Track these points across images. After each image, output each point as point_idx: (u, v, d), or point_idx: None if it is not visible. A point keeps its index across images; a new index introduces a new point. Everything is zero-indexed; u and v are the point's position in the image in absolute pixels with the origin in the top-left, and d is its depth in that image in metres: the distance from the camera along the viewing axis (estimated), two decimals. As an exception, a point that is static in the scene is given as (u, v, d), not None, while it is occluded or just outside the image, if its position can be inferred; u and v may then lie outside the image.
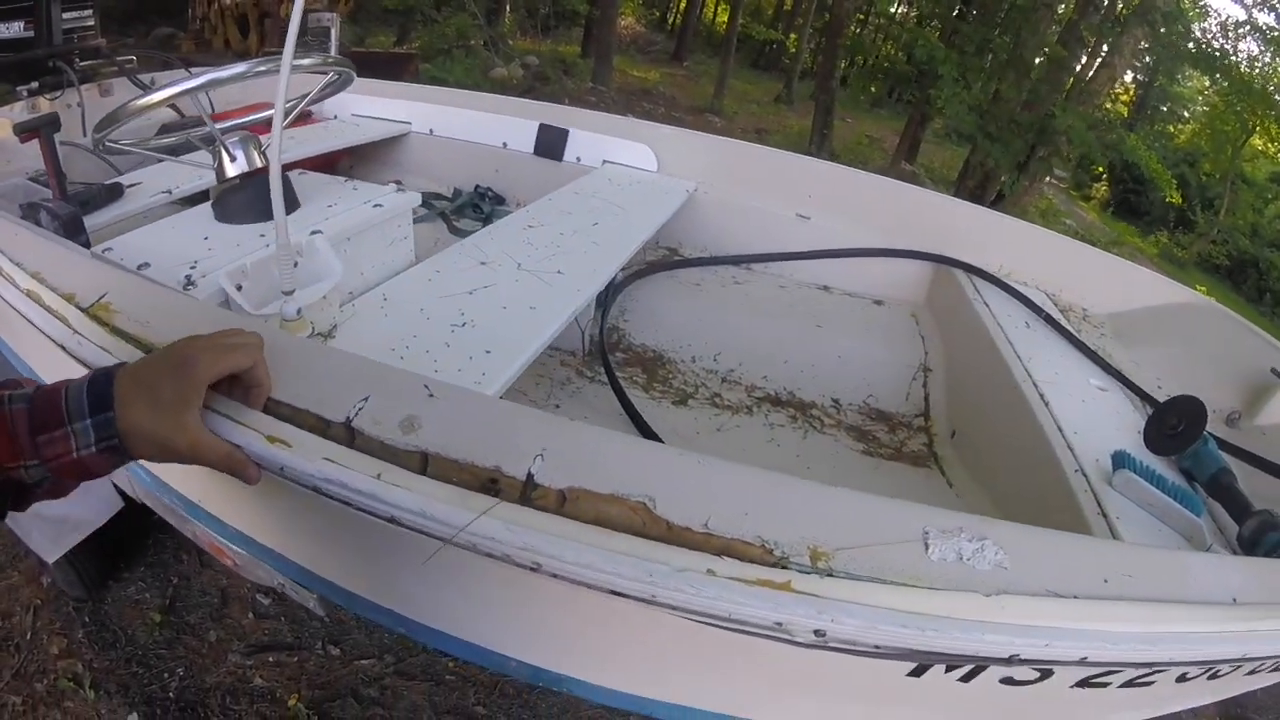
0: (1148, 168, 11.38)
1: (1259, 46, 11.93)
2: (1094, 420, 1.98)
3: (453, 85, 4.25)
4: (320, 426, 0.96)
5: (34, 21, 3.67)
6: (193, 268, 1.82)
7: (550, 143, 3.61)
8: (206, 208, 2.17)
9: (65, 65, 3.76)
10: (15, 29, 3.69)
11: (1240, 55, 11.85)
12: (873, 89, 23.55)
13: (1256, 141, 15.28)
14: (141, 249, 1.92)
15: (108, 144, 2.07)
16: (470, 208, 3.66)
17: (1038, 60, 11.49)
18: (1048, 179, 15.11)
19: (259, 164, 2.10)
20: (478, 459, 0.92)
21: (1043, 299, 2.72)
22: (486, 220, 3.54)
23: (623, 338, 2.90)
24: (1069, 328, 2.53)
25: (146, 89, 3.83)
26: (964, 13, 13.23)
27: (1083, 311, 2.77)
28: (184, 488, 1.72)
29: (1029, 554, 0.90)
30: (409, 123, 3.85)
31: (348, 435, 0.95)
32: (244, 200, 2.07)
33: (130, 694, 2.47)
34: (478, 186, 3.79)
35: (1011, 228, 2.99)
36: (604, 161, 3.51)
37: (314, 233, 1.96)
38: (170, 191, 2.56)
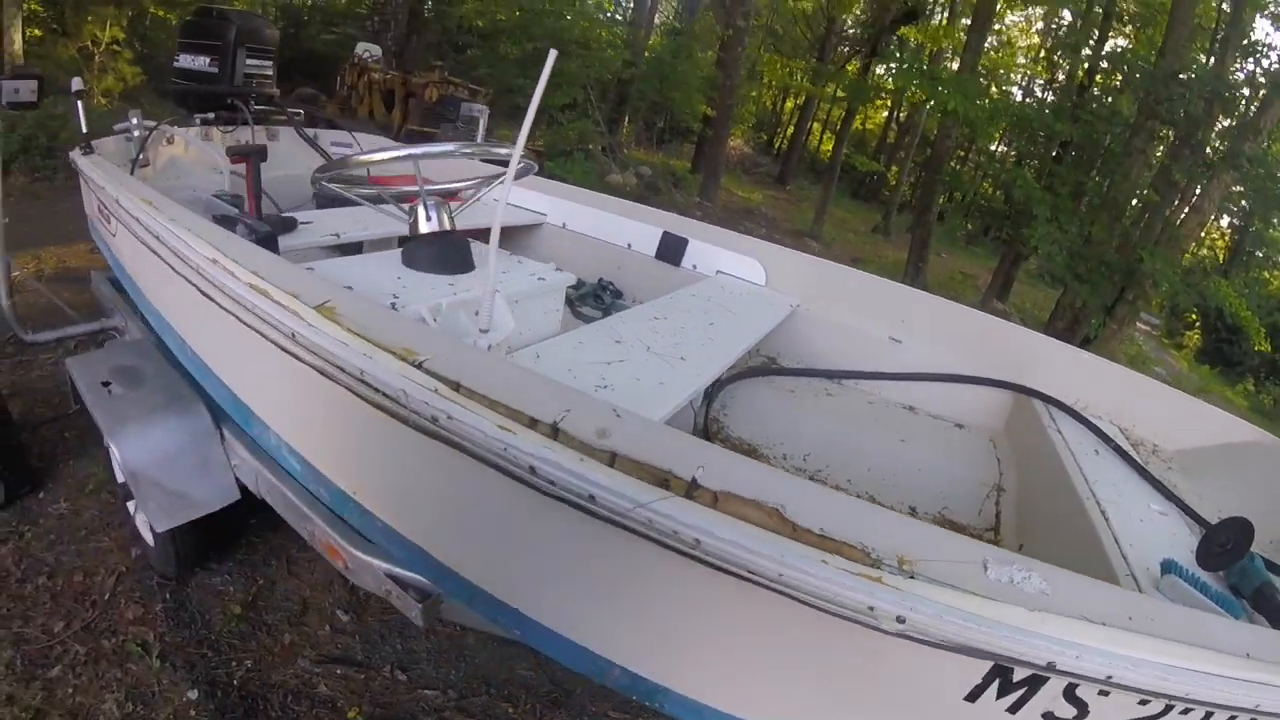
0: (1236, 314, 10.99)
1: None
2: (1150, 538, 2.07)
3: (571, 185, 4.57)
4: (532, 423, 1.24)
5: (219, 60, 4.13)
6: (396, 298, 2.18)
7: (671, 249, 3.86)
8: (393, 254, 2.58)
9: (242, 105, 4.22)
10: (201, 63, 4.16)
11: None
12: (969, 225, 23.57)
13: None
14: (342, 275, 2.28)
15: (322, 184, 2.56)
16: (592, 297, 3.91)
17: (1130, 203, 11.37)
18: (1139, 324, 14.77)
19: (448, 226, 2.54)
20: (654, 463, 1.16)
21: (1115, 431, 2.80)
22: (606, 311, 3.76)
23: (722, 428, 3.06)
24: (1136, 458, 2.60)
25: (313, 141, 4.29)
26: (1061, 155, 13.34)
27: (1153, 446, 2.85)
28: (341, 478, 1.94)
29: (1068, 589, 1.07)
30: (545, 214, 4.20)
31: (553, 432, 1.22)
32: (433, 254, 2.48)
33: (195, 672, 2.59)
34: (601, 279, 4.05)
35: (1089, 363, 3.10)
36: (717, 271, 3.73)
37: (494, 292, 2.28)
38: (338, 235, 3.03)
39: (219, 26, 4.10)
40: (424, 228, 2.54)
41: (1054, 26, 23.12)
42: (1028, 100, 23.62)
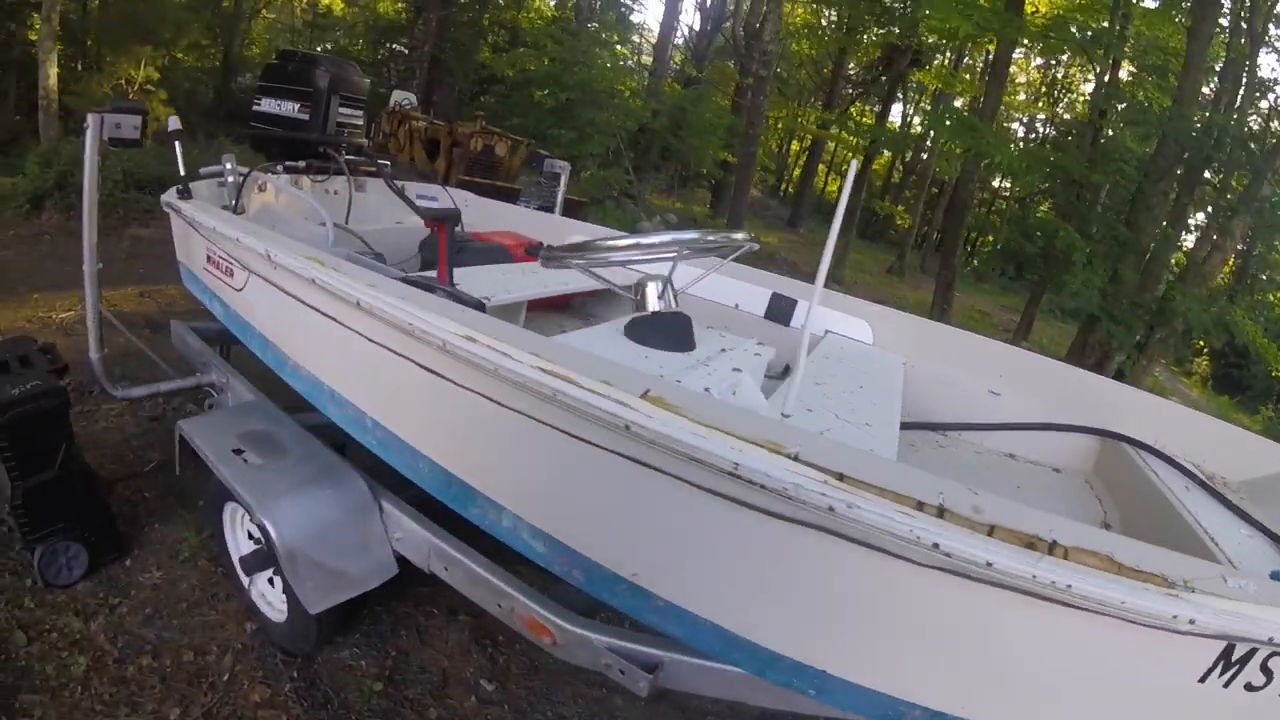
0: (1254, 343, 11.26)
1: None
2: (1251, 557, 2.26)
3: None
4: (919, 505, 1.33)
5: (310, 108, 3.99)
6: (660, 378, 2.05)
7: (781, 309, 3.82)
8: (610, 328, 2.59)
9: (335, 154, 4.06)
10: (289, 108, 4.02)
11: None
12: (1000, 271, 23.64)
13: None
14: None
15: (555, 255, 2.55)
16: None
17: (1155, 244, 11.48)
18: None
19: (673, 306, 2.59)
20: (1022, 529, 1.33)
21: (1191, 467, 2.94)
22: None
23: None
24: (1221, 491, 2.76)
25: (403, 194, 4.24)
26: (1081, 195, 13.34)
27: (1223, 479, 2.98)
28: (620, 562, 1.81)
29: (1268, 588, 1.31)
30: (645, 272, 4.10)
31: (939, 512, 1.32)
32: (663, 331, 2.49)
33: (341, 758, 2.33)
34: None
35: (1160, 405, 3.29)
36: (826, 331, 3.69)
37: (735, 369, 2.39)
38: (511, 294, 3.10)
39: (311, 72, 3.99)
40: (653, 305, 2.57)
41: (1053, 63, 23.29)
42: (1032, 137, 23.86)
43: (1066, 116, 23.84)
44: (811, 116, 23.93)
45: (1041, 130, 25.90)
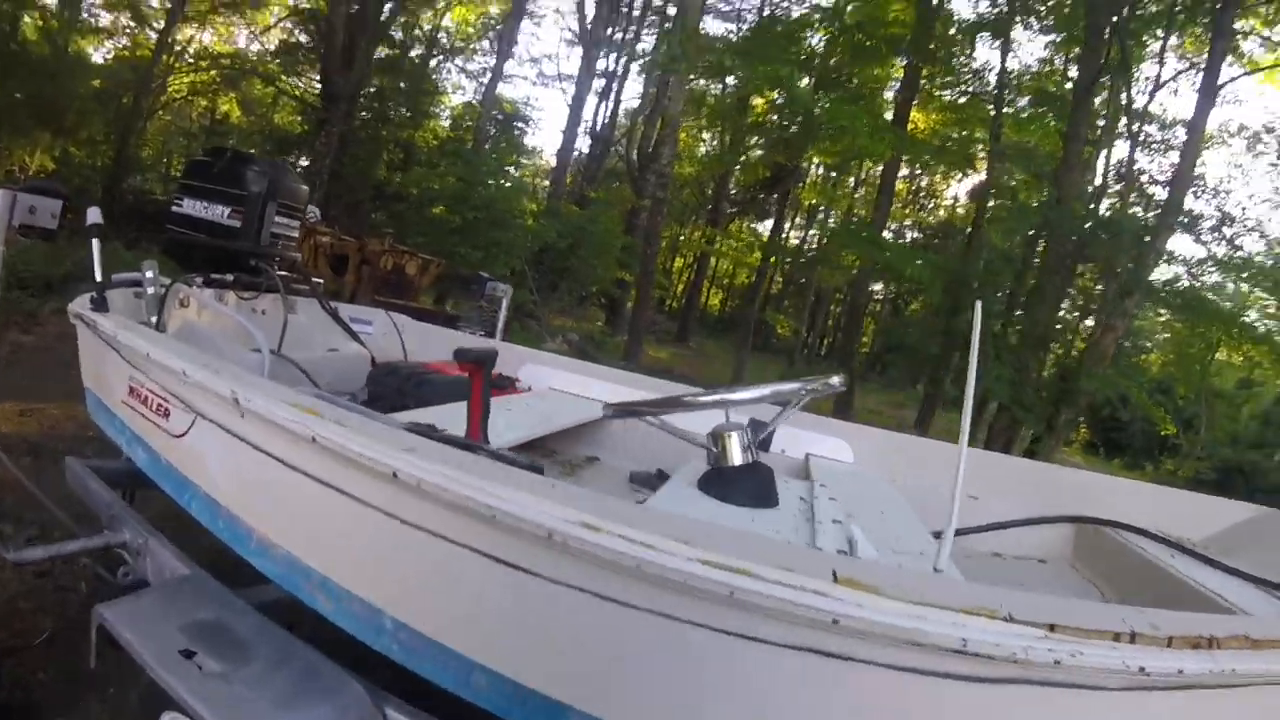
0: (1144, 408, 12.51)
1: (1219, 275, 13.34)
2: (1246, 604, 2.39)
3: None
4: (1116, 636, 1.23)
5: (243, 214, 3.37)
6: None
7: (757, 435, 3.60)
8: (682, 486, 2.43)
9: (268, 268, 3.43)
10: (219, 213, 3.38)
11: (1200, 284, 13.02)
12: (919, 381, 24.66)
13: (1220, 355, 15.97)
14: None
15: (629, 410, 2.59)
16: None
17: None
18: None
19: (751, 459, 2.45)
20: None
21: (1161, 535, 3.13)
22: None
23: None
24: (1196, 550, 2.99)
25: (336, 316, 3.75)
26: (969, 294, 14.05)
27: (1190, 540, 3.16)
28: None
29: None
30: (601, 401, 3.76)
31: (1131, 638, 1.23)
32: (744, 484, 2.37)
33: None
34: (660, 470, 3.68)
35: (1115, 485, 3.55)
36: (807, 454, 3.59)
37: (835, 521, 2.29)
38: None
39: (245, 173, 3.40)
40: (737, 458, 2.43)
41: (917, 172, 24.76)
42: (902, 242, 25.20)
43: (931, 221, 25.46)
44: (696, 234, 24.54)
45: (909, 235, 27.42)
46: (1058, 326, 12.48)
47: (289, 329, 3.49)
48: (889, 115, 13.16)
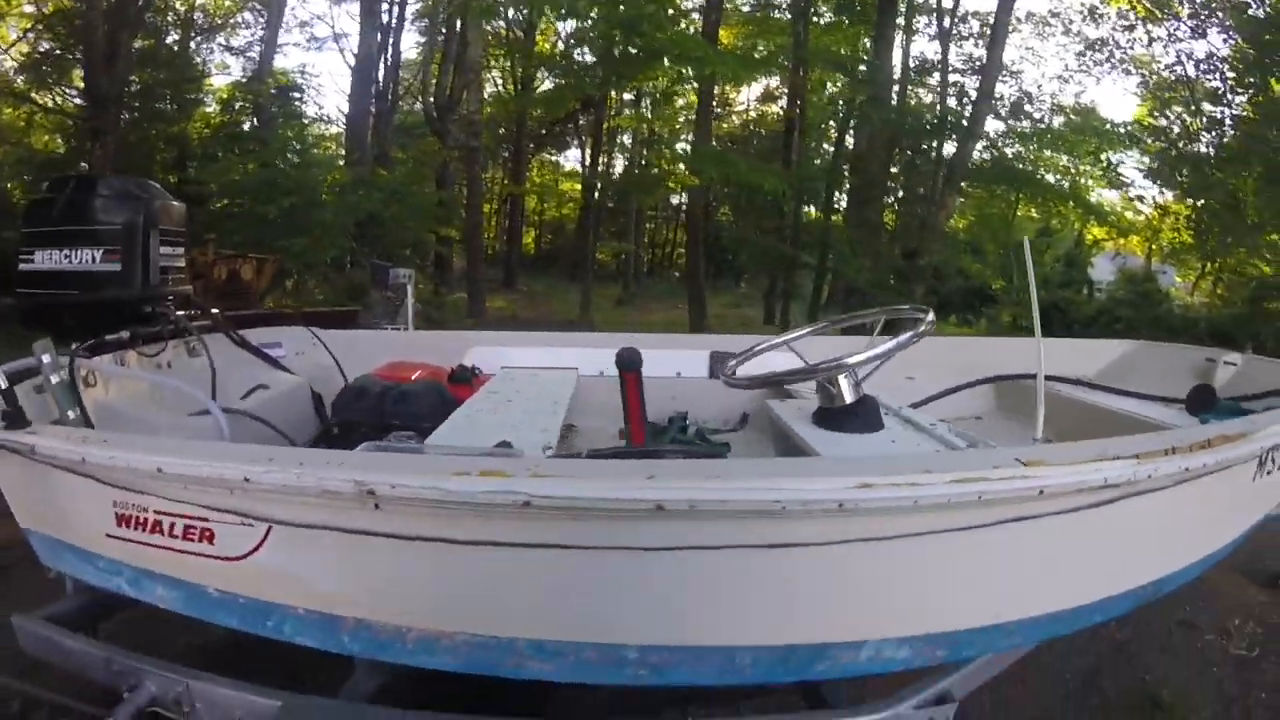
0: (969, 269, 14.21)
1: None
2: (1178, 418, 3.00)
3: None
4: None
5: (119, 253, 2.67)
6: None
7: (724, 366, 3.85)
8: (805, 426, 2.66)
9: (167, 310, 2.76)
10: (88, 258, 2.67)
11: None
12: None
13: (1021, 211, 18.72)
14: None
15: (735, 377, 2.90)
16: (675, 435, 3.67)
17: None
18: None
19: (860, 394, 2.68)
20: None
21: (1069, 376, 3.75)
22: (692, 441, 3.64)
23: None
24: (1099, 384, 3.70)
25: (254, 347, 3.36)
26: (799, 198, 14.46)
27: (1087, 377, 3.81)
28: None
29: None
30: (576, 366, 3.81)
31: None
32: (857, 416, 2.62)
33: None
34: (671, 416, 3.84)
35: (1007, 344, 4.23)
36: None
37: (932, 424, 2.69)
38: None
39: (110, 203, 2.70)
40: (849, 396, 2.65)
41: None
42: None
43: (726, 128, 25.79)
44: (500, 176, 23.65)
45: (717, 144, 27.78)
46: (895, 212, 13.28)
47: (198, 372, 2.93)
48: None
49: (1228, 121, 14.54)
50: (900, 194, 14.05)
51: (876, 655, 1.74)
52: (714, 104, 17.55)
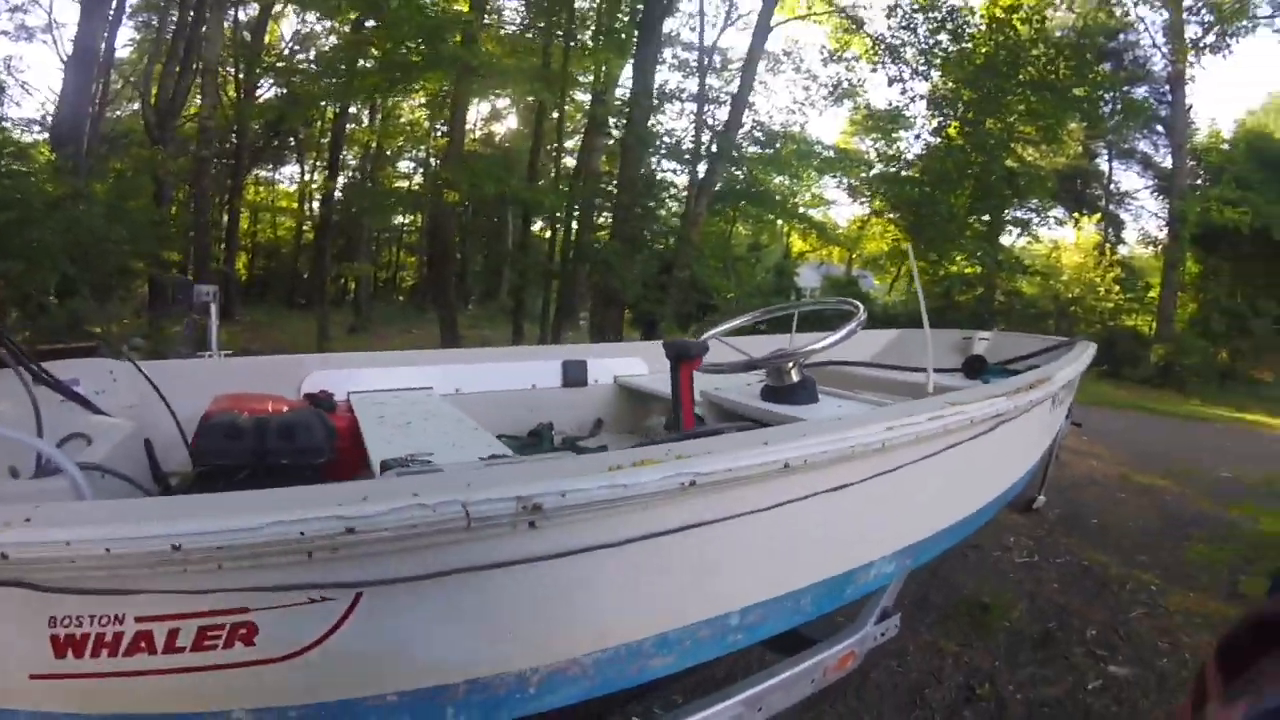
0: (710, 280, 14.91)
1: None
2: (940, 381, 3.16)
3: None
4: None
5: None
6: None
7: (576, 373, 4.07)
8: (753, 400, 3.38)
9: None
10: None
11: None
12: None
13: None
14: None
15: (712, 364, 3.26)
16: (546, 443, 3.62)
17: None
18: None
19: (801, 376, 3.29)
20: None
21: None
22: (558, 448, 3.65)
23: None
24: (879, 363, 4.39)
25: (54, 381, 2.44)
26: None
27: (867, 359, 4.52)
28: None
29: None
30: (430, 387, 3.71)
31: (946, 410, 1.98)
32: (800, 392, 3.24)
33: None
34: (538, 425, 3.74)
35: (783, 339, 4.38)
36: (614, 377, 4.14)
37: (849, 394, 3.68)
38: None
39: None
40: (795, 377, 3.26)
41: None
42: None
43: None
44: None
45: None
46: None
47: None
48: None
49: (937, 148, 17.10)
50: (660, 211, 14.75)
51: (880, 572, 2.17)
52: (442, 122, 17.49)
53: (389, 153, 21.77)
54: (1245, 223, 16.16)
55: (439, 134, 20.06)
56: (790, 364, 3.22)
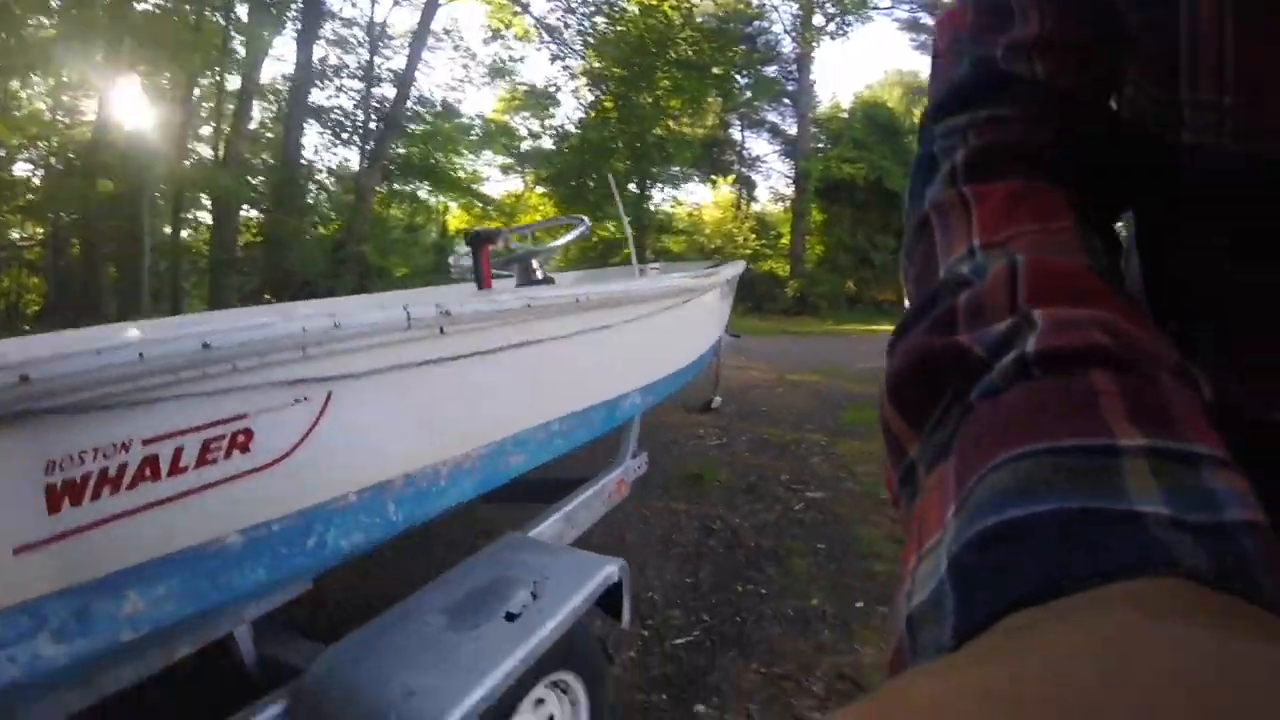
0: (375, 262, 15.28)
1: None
2: None
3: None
4: None
5: None
6: None
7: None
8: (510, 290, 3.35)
9: None
10: None
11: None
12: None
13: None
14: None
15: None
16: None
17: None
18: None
19: (546, 275, 3.38)
20: None
21: None
22: None
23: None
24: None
25: None
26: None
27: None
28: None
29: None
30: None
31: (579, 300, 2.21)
32: (546, 283, 3.27)
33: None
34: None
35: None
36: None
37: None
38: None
39: None
40: (540, 276, 3.36)
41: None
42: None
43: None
44: None
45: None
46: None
47: None
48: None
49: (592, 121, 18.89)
50: (330, 187, 15.09)
51: (632, 402, 2.69)
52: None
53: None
54: (862, 176, 19.30)
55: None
56: (535, 261, 3.49)
